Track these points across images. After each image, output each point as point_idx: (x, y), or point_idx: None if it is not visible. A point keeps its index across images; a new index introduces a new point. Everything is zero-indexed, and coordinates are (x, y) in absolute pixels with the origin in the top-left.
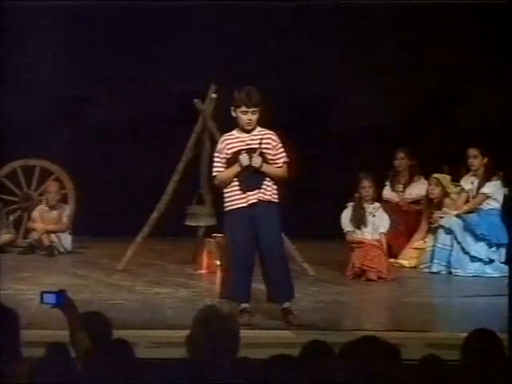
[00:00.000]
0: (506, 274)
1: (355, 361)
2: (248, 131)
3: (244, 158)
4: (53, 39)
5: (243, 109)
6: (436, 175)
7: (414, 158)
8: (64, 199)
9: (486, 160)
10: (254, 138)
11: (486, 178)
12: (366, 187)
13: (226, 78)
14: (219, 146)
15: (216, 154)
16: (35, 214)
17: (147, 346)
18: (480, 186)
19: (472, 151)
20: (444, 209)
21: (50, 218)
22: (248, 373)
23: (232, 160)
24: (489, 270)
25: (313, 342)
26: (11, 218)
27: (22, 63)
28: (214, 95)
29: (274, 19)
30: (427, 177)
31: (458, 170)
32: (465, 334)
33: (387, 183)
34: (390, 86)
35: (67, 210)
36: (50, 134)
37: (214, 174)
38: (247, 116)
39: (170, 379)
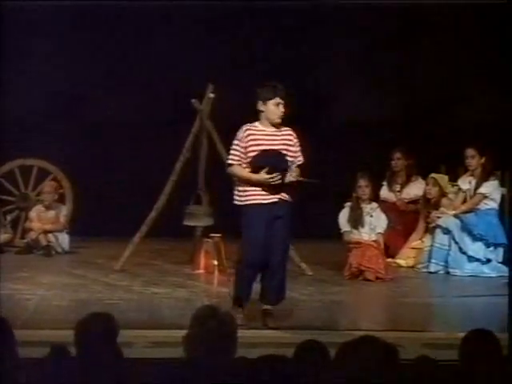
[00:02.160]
0: (504, 274)
1: (353, 360)
2: (274, 125)
3: (270, 177)
4: (52, 39)
5: (278, 100)
6: (434, 175)
7: (410, 158)
8: (61, 199)
9: (483, 160)
10: (277, 134)
11: (483, 178)
12: (363, 186)
13: (223, 77)
14: (240, 135)
15: (235, 142)
16: (32, 213)
17: (145, 345)
18: (477, 186)
19: (469, 151)
20: (441, 209)
21: (47, 218)
22: (246, 373)
23: (251, 153)
24: (486, 270)
25: (307, 341)
26: (9, 217)
27: (21, 63)
28: (211, 95)
29: (273, 19)
30: (425, 177)
31: (456, 170)
32: (462, 334)
33: (384, 183)
34: (387, 86)
35: (64, 210)
36: (48, 134)
37: (230, 162)
38: (280, 108)
39: (168, 379)
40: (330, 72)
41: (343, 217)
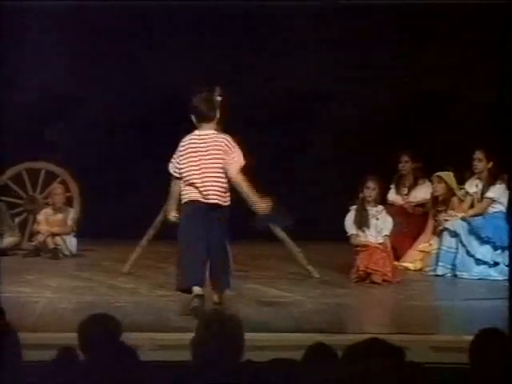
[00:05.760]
0: None
1: (360, 363)
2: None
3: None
4: (53, 39)
5: None
6: (438, 173)
7: (418, 161)
8: (69, 202)
9: (490, 165)
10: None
11: (490, 182)
12: (371, 188)
13: (224, 77)
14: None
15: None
16: (40, 216)
17: (151, 348)
18: (485, 190)
19: (478, 153)
20: (449, 211)
21: (54, 221)
22: (252, 376)
23: None
24: (494, 273)
25: (317, 344)
26: (16, 220)
27: (26, 64)
28: (218, 98)
29: (271, 19)
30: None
31: (463, 174)
32: (470, 337)
33: (392, 186)
34: (394, 88)
35: (72, 213)
36: (55, 136)
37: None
38: None
39: (175, 382)
40: (337, 74)
41: (349, 220)
